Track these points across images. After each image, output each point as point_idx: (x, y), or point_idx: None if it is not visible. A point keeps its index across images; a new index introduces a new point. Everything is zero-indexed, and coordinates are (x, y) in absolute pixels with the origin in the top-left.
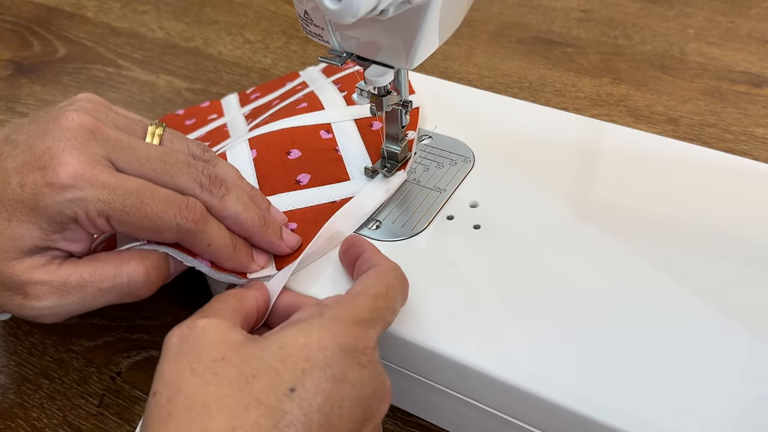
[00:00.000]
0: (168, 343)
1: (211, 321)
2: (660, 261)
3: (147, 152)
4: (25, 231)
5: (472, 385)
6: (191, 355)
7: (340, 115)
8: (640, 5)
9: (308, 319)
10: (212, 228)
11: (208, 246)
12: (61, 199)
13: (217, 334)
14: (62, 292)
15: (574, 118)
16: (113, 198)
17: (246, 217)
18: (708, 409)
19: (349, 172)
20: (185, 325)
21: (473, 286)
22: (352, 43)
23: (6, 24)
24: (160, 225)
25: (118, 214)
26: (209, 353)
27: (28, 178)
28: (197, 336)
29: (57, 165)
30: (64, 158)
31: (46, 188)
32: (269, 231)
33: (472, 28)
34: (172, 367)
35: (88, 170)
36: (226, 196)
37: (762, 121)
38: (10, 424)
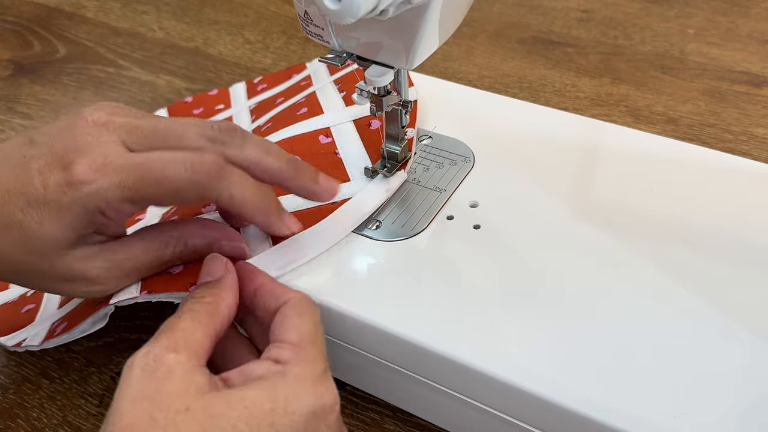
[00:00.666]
0: (129, 374)
1: (179, 359)
2: (660, 261)
3: (155, 124)
4: (56, 231)
5: (472, 385)
6: (153, 400)
7: (339, 117)
8: (640, 5)
9: (271, 378)
10: (233, 177)
11: (230, 198)
12: (82, 195)
13: (182, 377)
14: (120, 272)
15: (574, 118)
16: (126, 177)
17: (270, 161)
18: (708, 409)
19: (349, 173)
20: (150, 355)
21: (473, 286)
22: (352, 43)
23: (6, 24)
24: (175, 186)
25: (134, 191)
26: (173, 402)
27: (51, 179)
28: (162, 376)
29: (73, 163)
30: (79, 156)
31: (67, 187)
32: (303, 174)
33: (472, 28)
34: (132, 410)
35: (101, 161)
36: (245, 144)
37: (762, 121)
38: (11, 424)
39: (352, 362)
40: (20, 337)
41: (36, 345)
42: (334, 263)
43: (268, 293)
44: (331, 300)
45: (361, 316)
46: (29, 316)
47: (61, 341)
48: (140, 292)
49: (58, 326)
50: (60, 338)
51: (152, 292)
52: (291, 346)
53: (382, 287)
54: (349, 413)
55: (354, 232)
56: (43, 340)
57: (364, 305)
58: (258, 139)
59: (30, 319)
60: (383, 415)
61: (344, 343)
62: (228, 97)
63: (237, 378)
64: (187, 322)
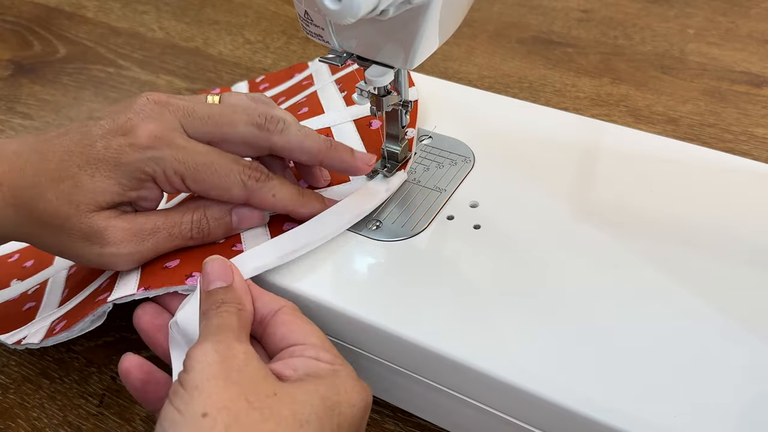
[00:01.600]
0: (205, 360)
1: (247, 348)
2: (660, 261)
3: (209, 111)
4: (106, 185)
5: (472, 385)
6: (242, 385)
7: (339, 117)
8: (640, 5)
9: (329, 376)
10: (274, 182)
11: (273, 197)
12: (142, 157)
13: (258, 366)
14: (139, 237)
15: (574, 118)
16: (187, 158)
17: (311, 143)
18: (708, 409)
19: None
20: (220, 344)
21: (473, 286)
22: (352, 43)
23: (6, 24)
24: (227, 182)
25: (191, 172)
26: (262, 387)
27: (113, 142)
28: (241, 363)
29: (138, 130)
30: (144, 125)
31: (128, 148)
32: (339, 150)
33: (472, 28)
34: (224, 393)
35: (165, 133)
36: (286, 129)
37: (762, 121)
38: (11, 424)
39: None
40: (20, 335)
41: (36, 343)
42: (334, 263)
43: (257, 298)
44: (331, 300)
45: (361, 316)
46: (30, 314)
47: (61, 339)
48: (137, 290)
49: (57, 324)
50: (59, 336)
51: (149, 288)
52: (322, 349)
53: (382, 287)
54: None
55: (354, 232)
56: (42, 338)
57: (364, 305)
58: (298, 126)
59: (30, 316)
60: (383, 415)
61: (344, 343)
62: None
63: (287, 371)
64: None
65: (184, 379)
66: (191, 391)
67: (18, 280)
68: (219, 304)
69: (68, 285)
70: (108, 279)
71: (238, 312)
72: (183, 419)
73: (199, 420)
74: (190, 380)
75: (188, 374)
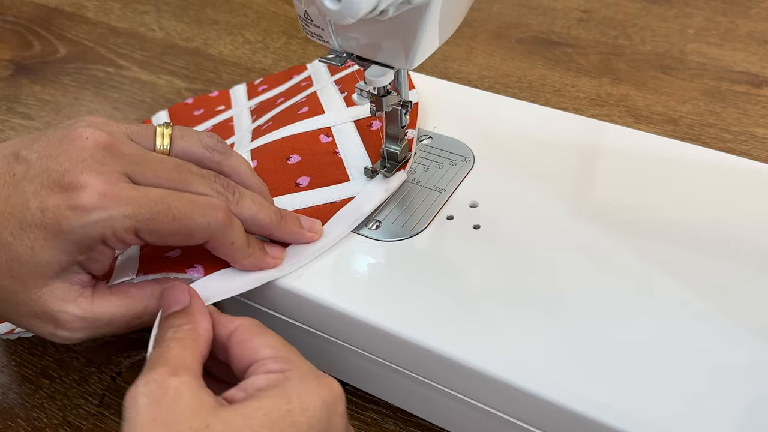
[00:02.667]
0: (136, 405)
1: (183, 380)
2: (660, 261)
3: (162, 165)
4: (48, 257)
5: (471, 385)
6: (169, 423)
7: (339, 118)
8: (640, 5)
9: (278, 385)
10: (235, 225)
11: (231, 244)
12: (87, 221)
13: (192, 397)
14: (94, 326)
15: (574, 118)
16: (139, 210)
17: (263, 216)
18: (708, 409)
19: (349, 173)
20: (152, 383)
21: (473, 286)
22: (352, 43)
23: (6, 24)
24: (190, 226)
25: (146, 224)
26: (191, 422)
27: (49, 201)
28: (171, 399)
29: (78, 187)
30: (85, 179)
31: (69, 211)
32: (289, 223)
33: (472, 28)
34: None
35: (110, 189)
36: (241, 200)
37: (762, 121)
38: (11, 424)
39: (352, 362)
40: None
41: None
42: (334, 263)
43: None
44: (331, 300)
45: (361, 316)
46: None
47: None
48: (136, 275)
49: None
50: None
51: (147, 273)
52: (273, 358)
53: (382, 287)
54: (349, 413)
55: (354, 232)
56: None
57: (364, 305)
58: (251, 195)
59: None
60: (383, 415)
61: (344, 343)
62: (228, 99)
63: (239, 394)
64: (177, 350)
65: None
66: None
67: None
68: (166, 329)
69: None
70: None
71: (187, 335)
72: None
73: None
74: (124, 427)
75: (124, 422)
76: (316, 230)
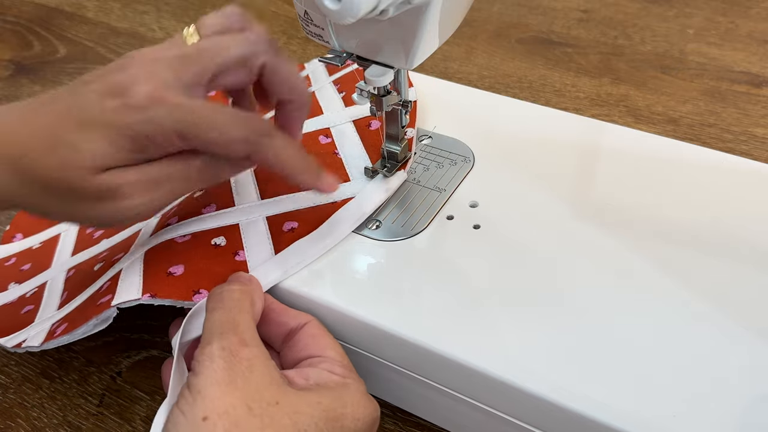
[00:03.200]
0: (212, 365)
1: (254, 352)
2: (660, 261)
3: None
4: (105, 149)
5: (472, 385)
6: (245, 391)
7: (338, 118)
8: (640, 5)
9: (337, 388)
10: (277, 140)
11: (274, 156)
12: (140, 118)
13: (264, 371)
14: (154, 184)
15: (574, 118)
16: (184, 116)
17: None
18: (708, 409)
19: (349, 173)
20: (226, 350)
21: (473, 286)
22: (352, 43)
23: (6, 24)
24: (228, 138)
25: (189, 129)
26: (263, 394)
27: (107, 103)
28: (246, 368)
29: (132, 90)
30: (137, 84)
31: (125, 109)
32: None
33: (472, 28)
34: (226, 398)
35: (159, 92)
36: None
37: (762, 121)
38: (11, 424)
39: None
40: (20, 338)
41: (36, 346)
42: (334, 263)
43: (284, 312)
44: (331, 300)
45: (361, 316)
46: (29, 317)
47: (62, 342)
48: (142, 295)
49: (58, 327)
50: (60, 339)
51: (155, 296)
52: (338, 363)
53: (382, 287)
54: None
55: (354, 232)
56: (43, 341)
57: (364, 305)
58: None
59: (30, 320)
60: (383, 415)
61: (344, 343)
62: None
63: (299, 380)
64: (240, 316)
65: (190, 383)
66: (195, 395)
67: (16, 284)
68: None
69: (67, 287)
70: (109, 281)
71: (246, 301)
72: (185, 421)
73: (199, 423)
74: (195, 384)
75: (195, 378)
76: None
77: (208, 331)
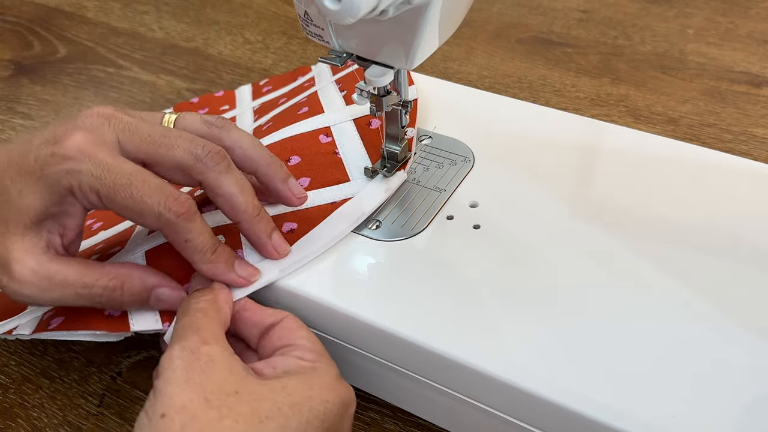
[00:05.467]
0: (171, 365)
1: (214, 348)
2: (660, 261)
3: (151, 130)
4: (30, 201)
5: (472, 385)
6: (203, 385)
7: (339, 116)
8: (639, 5)
9: (305, 372)
10: (195, 225)
11: (185, 242)
12: (60, 169)
13: (223, 364)
14: (44, 283)
15: (574, 118)
16: (106, 175)
17: (240, 201)
18: (708, 409)
19: (349, 173)
20: (186, 350)
21: (473, 286)
22: (352, 43)
23: (6, 24)
24: (142, 209)
25: (107, 190)
26: (222, 386)
27: (42, 151)
28: (204, 364)
29: (65, 140)
30: (74, 135)
31: (51, 158)
32: (261, 223)
33: (472, 28)
34: (184, 393)
35: (90, 147)
36: (224, 173)
37: (761, 121)
38: (11, 424)
39: (352, 362)
40: (11, 324)
41: (26, 334)
42: (334, 263)
43: (258, 311)
44: (331, 300)
45: (361, 316)
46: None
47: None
48: (162, 324)
49: (52, 318)
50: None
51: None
52: (309, 349)
53: (382, 287)
54: None
55: (354, 232)
56: (33, 330)
57: (364, 305)
58: (237, 175)
59: (23, 306)
60: (383, 415)
61: (344, 343)
62: (233, 99)
63: (267, 369)
64: (204, 320)
65: (154, 384)
66: (156, 395)
67: None
68: (190, 300)
69: None
70: None
71: (209, 305)
72: (148, 422)
73: (158, 421)
74: (157, 385)
75: (156, 380)
76: (281, 251)
77: (172, 337)
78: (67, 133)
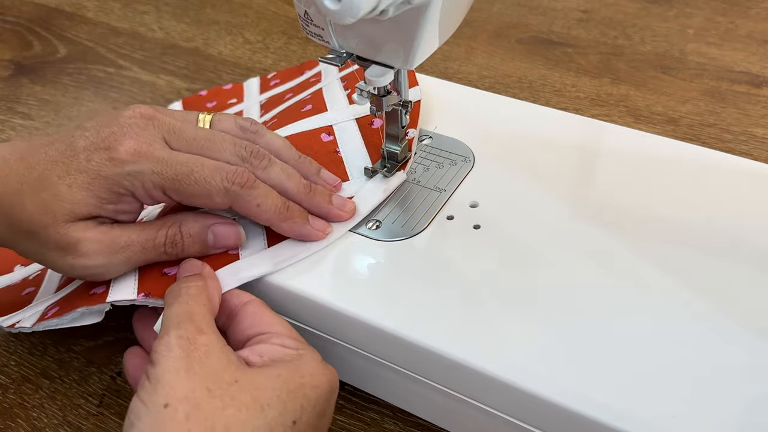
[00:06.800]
0: (170, 354)
1: (210, 338)
2: (660, 261)
3: (195, 133)
4: (83, 197)
5: (472, 385)
6: (203, 375)
7: (341, 115)
8: (639, 5)
9: (294, 360)
10: (260, 191)
11: (257, 207)
12: (121, 172)
13: (220, 354)
14: (111, 250)
15: (574, 118)
16: (166, 169)
17: (290, 186)
18: (708, 409)
19: (349, 172)
20: (183, 338)
21: (473, 286)
22: (352, 43)
23: (6, 24)
24: (209, 189)
25: (170, 182)
26: (222, 376)
27: (94, 154)
28: (203, 354)
29: (119, 144)
30: (125, 139)
31: (108, 162)
32: (317, 196)
33: (472, 28)
34: (186, 383)
35: (144, 147)
36: (269, 167)
37: (762, 121)
38: (11, 424)
39: (352, 362)
40: (15, 318)
41: (28, 327)
42: (334, 263)
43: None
44: (330, 300)
45: (362, 316)
46: (28, 298)
47: (51, 326)
48: (137, 295)
49: (50, 309)
50: (50, 322)
51: (149, 296)
52: (287, 336)
53: (383, 287)
54: (349, 413)
55: (354, 232)
56: (35, 322)
57: (363, 305)
58: (282, 165)
59: (29, 301)
60: (383, 415)
61: (344, 343)
62: (241, 92)
63: (254, 357)
64: (196, 307)
65: (149, 373)
66: (155, 384)
67: (21, 266)
68: (180, 286)
69: None
70: None
71: (200, 291)
72: (147, 410)
73: (161, 411)
74: (154, 373)
75: (153, 368)
76: (347, 209)
77: (165, 324)
78: (118, 138)
